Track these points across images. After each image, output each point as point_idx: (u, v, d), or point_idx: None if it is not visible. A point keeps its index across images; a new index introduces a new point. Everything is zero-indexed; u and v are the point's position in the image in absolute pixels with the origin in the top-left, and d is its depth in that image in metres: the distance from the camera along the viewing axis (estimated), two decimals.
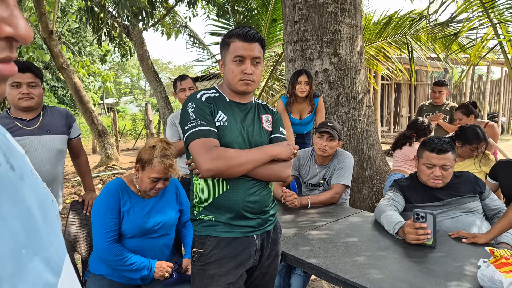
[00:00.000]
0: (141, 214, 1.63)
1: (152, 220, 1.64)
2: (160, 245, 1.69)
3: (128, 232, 1.61)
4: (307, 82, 2.77)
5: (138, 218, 1.62)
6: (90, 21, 4.51)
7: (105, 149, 7.72)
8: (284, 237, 1.71)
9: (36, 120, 1.94)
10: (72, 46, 14.29)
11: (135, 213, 1.62)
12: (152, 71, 6.21)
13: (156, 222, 1.65)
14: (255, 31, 1.29)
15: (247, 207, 1.28)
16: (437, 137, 1.94)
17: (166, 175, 1.60)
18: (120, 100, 29.44)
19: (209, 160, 1.16)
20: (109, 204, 1.59)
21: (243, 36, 1.25)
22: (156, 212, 1.67)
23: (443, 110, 3.87)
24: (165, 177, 1.61)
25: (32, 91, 1.88)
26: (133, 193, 1.66)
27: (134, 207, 1.63)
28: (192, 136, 1.21)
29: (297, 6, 3.35)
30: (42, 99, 1.98)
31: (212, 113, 1.27)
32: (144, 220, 1.62)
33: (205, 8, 5.87)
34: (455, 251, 1.53)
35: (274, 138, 1.38)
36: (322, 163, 2.37)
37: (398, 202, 1.92)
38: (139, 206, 1.64)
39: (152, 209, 1.66)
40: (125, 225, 1.61)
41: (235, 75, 1.27)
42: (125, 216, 1.61)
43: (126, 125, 14.63)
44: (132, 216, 1.61)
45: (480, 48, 3.97)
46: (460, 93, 14.00)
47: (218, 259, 1.27)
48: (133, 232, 1.61)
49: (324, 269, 1.39)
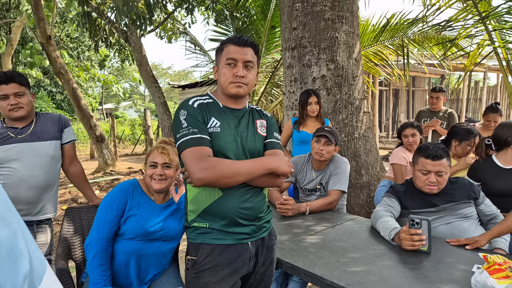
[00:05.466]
0: (147, 216, 1.63)
1: (156, 225, 1.64)
2: (159, 253, 1.68)
3: (130, 232, 1.60)
4: (317, 102, 2.92)
5: (143, 219, 1.62)
6: (87, 26, 4.53)
7: (103, 155, 7.70)
8: (279, 244, 1.71)
9: (28, 128, 1.96)
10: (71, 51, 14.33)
11: (142, 214, 1.63)
12: (151, 77, 6.23)
13: (159, 228, 1.64)
14: (249, 38, 1.31)
15: (241, 214, 1.28)
16: (432, 144, 1.95)
17: (163, 159, 1.62)
18: (119, 105, 29.45)
19: (199, 170, 1.15)
20: (115, 200, 1.60)
21: (236, 40, 1.28)
22: (162, 219, 1.67)
23: (441, 116, 3.89)
24: (162, 161, 1.62)
25: (20, 100, 1.89)
26: (145, 194, 1.68)
27: (141, 208, 1.64)
28: (184, 144, 1.20)
29: (295, 13, 3.38)
30: (33, 106, 1.98)
31: (205, 120, 1.26)
32: (149, 223, 1.62)
33: (204, 14, 5.91)
34: (450, 257, 1.53)
35: (268, 143, 1.37)
36: (319, 168, 2.38)
37: (394, 208, 1.93)
38: (147, 208, 1.65)
39: (159, 215, 1.67)
40: (129, 224, 1.60)
41: (226, 78, 1.28)
42: (131, 216, 1.61)
43: (124, 130, 14.62)
44: (138, 217, 1.62)
45: (476, 54, 4.01)
46: (457, 99, 14.10)
47: (212, 267, 1.26)
48: (135, 233, 1.60)
49: (319, 277, 1.39)
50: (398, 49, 5.41)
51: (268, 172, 1.26)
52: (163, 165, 1.63)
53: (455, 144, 2.58)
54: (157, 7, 4.45)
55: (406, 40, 5.32)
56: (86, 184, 2.20)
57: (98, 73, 13.01)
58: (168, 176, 1.64)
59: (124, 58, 6.61)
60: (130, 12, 3.28)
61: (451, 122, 3.77)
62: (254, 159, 1.26)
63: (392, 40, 5.42)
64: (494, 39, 3.70)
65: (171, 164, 1.64)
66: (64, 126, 2.09)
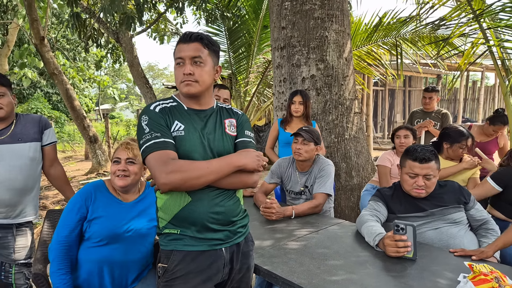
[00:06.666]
0: (114, 217, 1.57)
1: (124, 226, 1.57)
2: (131, 259, 1.60)
3: (97, 236, 1.54)
4: (301, 102, 2.84)
5: (109, 221, 1.55)
6: (76, 26, 4.47)
7: (96, 156, 7.64)
8: (260, 249, 1.64)
9: (8, 129, 1.92)
10: (67, 52, 14.26)
11: (108, 215, 1.56)
12: (142, 77, 6.17)
13: (128, 228, 1.58)
14: (197, 32, 1.24)
15: (212, 219, 1.22)
16: (420, 146, 1.89)
17: (126, 154, 1.57)
18: (115, 106, 29.36)
19: (165, 173, 1.10)
20: (75, 204, 1.56)
21: (182, 38, 1.22)
22: (131, 218, 1.61)
23: (434, 117, 3.82)
24: (125, 156, 1.57)
25: (0, 101, 1.85)
26: (110, 194, 1.62)
27: (107, 209, 1.58)
28: (148, 149, 1.15)
29: (284, 12, 3.32)
30: (13, 108, 1.95)
31: (168, 124, 1.20)
32: (115, 224, 1.55)
33: (196, 14, 5.86)
34: (436, 265, 1.46)
35: (240, 142, 1.30)
36: (302, 169, 2.34)
37: (381, 212, 1.86)
38: (113, 208, 1.59)
39: (127, 214, 1.60)
40: (94, 227, 1.54)
41: (177, 78, 1.23)
42: (96, 218, 1.55)
43: (119, 131, 14.53)
44: (104, 218, 1.55)
45: (470, 54, 3.95)
46: (454, 99, 14.07)
47: (183, 275, 1.21)
48: (102, 236, 1.54)
49: (297, 285, 1.32)
50: (391, 48, 5.35)
51: (238, 170, 1.21)
52: (126, 160, 1.58)
53: (446, 147, 2.51)
54: (146, 7, 4.39)
55: (399, 39, 5.25)
56: (67, 186, 2.17)
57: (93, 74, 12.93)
58: (131, 172, 1.58)
59: (116, 59, 6.54)
60: (117, 12, 3.23)
61: (444, 123, 3.70)
62: (221, 157, 1.21)
63: (385, 39, 5.36)
64: (489, 38, 3.65)
65: (135, 160, 1.59)
66: (44, 127, 2.05)
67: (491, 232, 1.80)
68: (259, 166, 1.24)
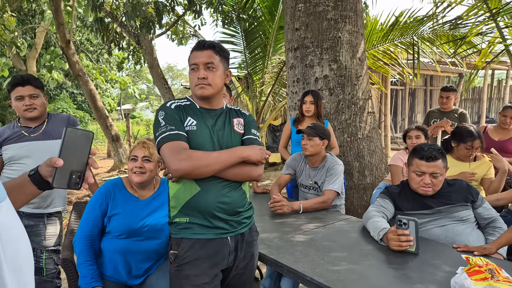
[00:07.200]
0: (131, 214, 1.70)
1: (140, 222, 1.70)
2: (147, 250, 1.73)
3: (116, 231, 1.68)
4: (312, 102, 2.93)
5: (127, 217, 1.68)
6: (100, 31, 4.70)
7: (118, 154, 7.93)
8: (268, 241, 1.74)
9: (40, 127, 2.12)
10: (90, 54, 14.80)
11: (125, 212, 1.69)
12: (161, 78, 6.37)
13: (144, 224, 1.71)
14: (210, 41, 1.38)
15: (219, 208, 1.33)
16: (427, 145, 1.92)
17: (143, 152, 1.69)
18: (136, 106, 30.12)
19: (177, 161, 1.22)
20: (97, 201, 1.69)
21: (196, 46, 1.36)
22: (146, 214, 1.73)
23: (452, 117, 3.75)
24: (142, 155, 1.69)
25: (34, 102, 2.04)
26: (127, 192, 1.74)
27: (125, 206, 1.70)
28: (162, 140, 1.28)
29: (297, 14, 3.39)
30: (45, 108, 2.14)
31: (182, 119, 1.33)
32: (132, 220, 1.68)
33: (213, 16, 6.00)
34: (437, 259, 1.51)
35: (246, 139, 1.43)
36: (313, 164, 2.45)
37: (387, 209, 1.91)
38: (130, 205, 1.71)
39: (143, 210, 1.73)
40: (114, 223, 1.68)
41: (192, 82, 1.36)
42: (115, 215, 1.68)
43: (139, 130, 14.94)
44: (122, 215, 1.68)
45: (488, 52, 3.90)
46: (478, 98, 13.62)
47: (192, 260, 1.32)
48: (120, 231, 1.67)
49: (301, 273, 1.41)
50: (408, 47, 5.30)
51: (243, 162, 1.32)
52: (142, 158, 1.70)
53: (454, 145, 2.51)
54: (165, 11, 4.57)
55: (416, 38, 5.21)
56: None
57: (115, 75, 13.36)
58: (147, 169, 1.70)
59: (137, 61, 6.79)
60: (138, 16, 3.40)
61: (462, 123, 3.64)
62: (228, 149, 1.33)
63: (402, 39, 5.32)
64: (506, 36, 3.59)
65: (151, 158, 1.71)
66: (72, 125, 2.23)
67: (498, 230, 1.81)
68: (262, 158, 1.35)
